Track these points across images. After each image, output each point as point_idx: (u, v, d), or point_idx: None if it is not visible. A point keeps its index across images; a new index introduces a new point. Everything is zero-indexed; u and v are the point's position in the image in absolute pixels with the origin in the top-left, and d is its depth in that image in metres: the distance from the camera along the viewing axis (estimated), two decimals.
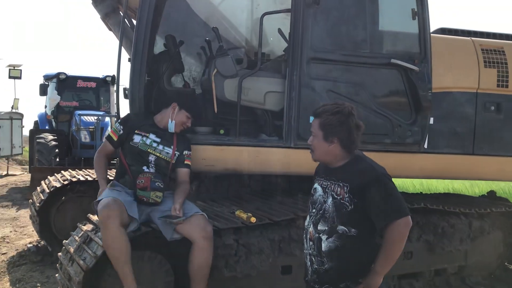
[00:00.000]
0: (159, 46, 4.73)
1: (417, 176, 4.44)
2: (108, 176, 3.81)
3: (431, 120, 4.14)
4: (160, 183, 3.42)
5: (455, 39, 4.46)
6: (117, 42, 4.33)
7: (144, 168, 3.51)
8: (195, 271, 3.29)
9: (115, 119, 11.48)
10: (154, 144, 3.57)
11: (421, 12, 4.01)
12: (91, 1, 4.59)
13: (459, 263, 4.76)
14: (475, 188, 11.11)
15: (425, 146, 4.17)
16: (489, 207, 4.67)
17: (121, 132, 3.60)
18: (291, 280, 3.84)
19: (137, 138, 3.55)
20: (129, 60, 3.80)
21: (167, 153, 3.59)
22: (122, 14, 4.18)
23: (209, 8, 5.04)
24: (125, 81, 4.11)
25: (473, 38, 4.47)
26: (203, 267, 3.29)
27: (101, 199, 3.23)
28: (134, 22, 4.67)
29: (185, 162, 3.67)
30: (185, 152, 3.67)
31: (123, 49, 4.02)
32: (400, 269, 4.50)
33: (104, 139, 3.72)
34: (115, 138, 3.62)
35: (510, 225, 5.02)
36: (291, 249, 3.80)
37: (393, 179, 2.44)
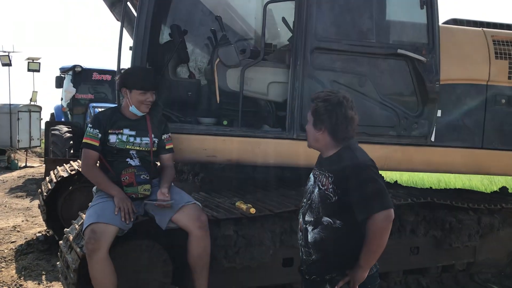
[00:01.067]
0: (165, 36, 4.72)
1: (424, 169, 4.34)
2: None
3: (439, 113, 4.04)
4: (145, 175, 3.32)
5: (465, 30, 4.33)
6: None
7: (128, 161, 3.37)
8: (195, 261, 3.26)
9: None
10: (131, 139, 3.39)
11: (429, 2, 3.91)
12: None
13: (468, 260, 4.65)
14: (493, 185, 10.90)
15: (432, 139, 4.07)
16: (500, 203, 4.54)
17: (99, 135, 3.34)
18: (293, 273, 3.78)
19: (112, 138, 3.35)
20: (130, 48, 3.78)
21: (146, 143, 3.42)
22: (123, 2, 4.15)
23: None
24: None
25: (484, 29, 4.34)
26: (203, 257, 3.26)
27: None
28: None
29: (166, 147, 3.53)
30: (164, 136, 3.52)
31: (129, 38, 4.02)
32: (406, 265, 4.43)
33: (82, 150, 3.37)
34: (97, 144, 3.33)
35: None
36: (292, 242, 3.76)
37: (401, 173, 2.36)
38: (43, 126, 15.32)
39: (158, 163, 3.69)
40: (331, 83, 3.84)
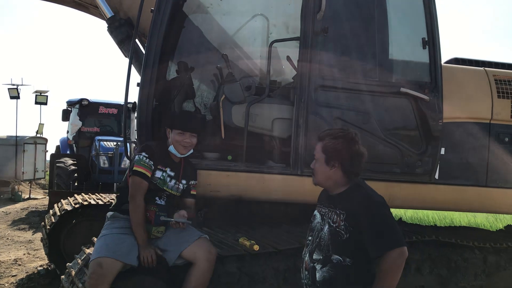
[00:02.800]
0: (172, 72, 4.81)
1: (428, 207, 4.33)
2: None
3: (442, 150, 4.06)
4: (165, 216, 3.33)
5: (468, 69, 4.40)
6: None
7: (157, 199, 3.38)
8: None
9: (134, 146, 11.66)
10: (168, 179, 3.43)
11: (431, 42, 3.99)
12: (107, 28, 4.71)
13: None
14: (499, 223, 10.80)
15: (436, 176, 4.07)
16: (505, 241, 4.49)
17: (153, 167, 3.34)
18: None
19: (158, 174, 3.38)
20: (138, 84, 3.85)
21: (178, 188, 3.48)
22: (132, 39, 4.24)
23: (223, 36, 5.12)
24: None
25: (486, 69, 4.40)
26: None
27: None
28: None
29: (192, 192, 3.59)
30: (192, 182, 3.58)
31: (135, 74, 4.10)
32: None
33: (132, 178, 3.29)
34: (149, 175, 3.31)
35: None
36: (296, 280, 3.71)
37: (405, 210, 2.38)
38: (48, 158, 15.43)
39: None
40: (335, 120, 3.88)
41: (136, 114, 3.91)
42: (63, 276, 3.63)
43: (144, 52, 4.63)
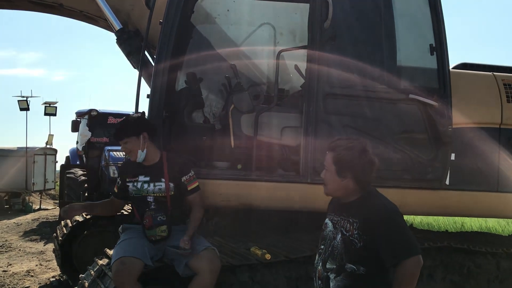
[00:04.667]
0: (181, 82, 4.84)
1: (439, 213, 4.32)
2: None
3: (453, 156, 4.04)
4: (162, 216, 3.38)
5: (476, 74, 4.39)
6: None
7: (147, 209, 3.47)
8: None
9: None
10: (145, 185, 3.50)
11: (439, 48, 3.99)
12: (116, 40, 4.75)
13: None
14: (511, 227, 10.71)
15: (447, 182, 4.06)
16: None
17: (120, 182, 3.64)
18: None
19: (130, 186, 3.55)
20: (148, 96, 3.89)
21: (160, 188, 3.50)
22: (142, 51, 4.29)
23: (231, 46, 5.15)
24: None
25: (495, 73, 4.39)
26: None
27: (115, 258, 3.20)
28: None
29: (189, 188, 3.55)
30: (184, 178, 3.54)
31: (144, 84, 4.13)
32: None
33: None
34: (115, 190, 3.69)
35: None
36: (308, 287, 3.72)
37: (415, 216, 2.38)
38: (58, 169, 15.53)
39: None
40: (344, 127, 3.89)
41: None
42: None
43: (153, 63, 4.70)
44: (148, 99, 3.89)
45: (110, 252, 3.66)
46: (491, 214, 4.54)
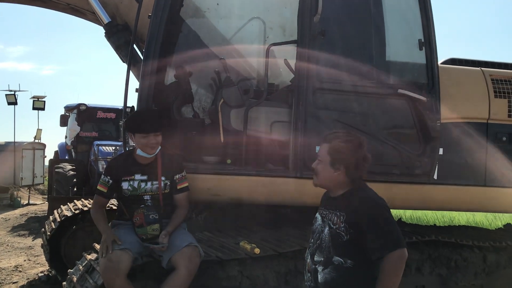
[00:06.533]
0: (170, 77, 4.82)
1: (427, 207, 4.36)
2: None
3: (441, 151, 4.07)
4: (155, 215, 3.35)
5: (465, 70, 4.42)
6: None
7: (141, 206, 3.43)
8: None
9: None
10: (142, 184, 3.47)
11: (428, 43, 4.01)
12: (104, 34, 4.72)
13: None
14: (498, 221, 10.83)
15: (435, 177, 4.09)
16: (505, 240, 4.51)
17: (110, 181, 3.50)
18: None
19: (125, 185, 3.47)
20: (137, 90, 3.86)
21: (157, 187, 3.49)
22: (130, 45, 4.26)
23: (220, 40, 5.13)
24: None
25: (483, 69, 4.42)
26: None
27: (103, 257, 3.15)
28: None
29: (179, 187, 3.56)
30: (176, 176, 3.55)
31: (133, 78, 4.11)
32: None
33: (95, 195, 3.59)
34: (105, 190, 3.51)
35: None
36: (297, 282, 3.73)
37: (405, 211, 2.40)
38: (46, 164, 15.43)
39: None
40: (333, 122, 3.90)
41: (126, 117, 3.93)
42: (64, 283, 3.64)
43: (142, 57, 4.67)
44: (136, 93, 3.86)
45: (99, 246, 3.64)
46: (478, 208, 4.58)
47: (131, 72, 4.47)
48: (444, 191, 4.16)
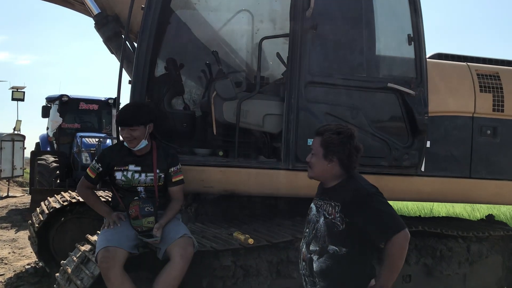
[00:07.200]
0: (160, 69, 4.82)
1: (414, 199, 4.47)
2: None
3: (428, 144, 4.18)
4: (150, 207, 3.35)
5: (451, 64, 4.53)
6: (118, 64, 4.45)
7: (135, 198, 3.45)
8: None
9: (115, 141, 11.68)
10: (136, 175, 3.47)
11: (417, 38, 4.10)
12: (94, 25, 4.69)
13: (459, 287, 4.73)
14: (476, 212, 11.11)
15: (422, 169, 4.20)
16: (487, 230, 4.66)
17: (100, 169, 3.49)
18: None
19: (118, 175, 3.47)
20: (130, 82, 3.87)
21: (151, 179, 3.49)
22: (123, 37, 4.25)
23: (210, 32, 5.15)
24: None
25: (468, 64, 4.54)
26: (167, 286, 3.20)
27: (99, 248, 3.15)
28: (135, 45, 4.79)
29: (173, 180, 3.57)
30: (171, 169, 3.55)
31: (123, 71, 4.10)
32: None
33: (82, 177, 3.61)
34: (92, 176, 3.52)
35: (509, 249, 5.01)
36: (289, 272, 3.80)
37: (390, 202, 2.48)
38: (26, 155, 15.20)
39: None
40: (324, 115, 3.96)
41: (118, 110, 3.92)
42: (57, 274, 3.64)
43: (131, 49, 4.66)
44: (129, 85, 3.87)
45: (92, 238, 3.66)
46: (463, 200, 4.72)
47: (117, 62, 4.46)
48: (431, 183, 4.28)
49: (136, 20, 4.25)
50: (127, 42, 4.79)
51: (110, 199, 4.39)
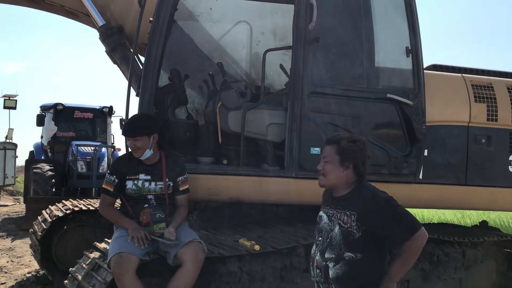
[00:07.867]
0: (163, 79, 4.91)
1: (413, 205, 4.59)
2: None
3: (426, 152, 4.33)
4: (161, 214, 3.51)
5: (447, 76, 4.69)
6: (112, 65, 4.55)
7: (145, 205, 3.58)
8: None
9: (112, 150, 11.70)
10: (146, 184, 3.60)
11: (414, 50, 4.25)
12: (99, 36, 4.78)
13: None
14: (467, 219, 11.30)
15: (420, 176, 4.34)
16: (482, 236, 4.80)
17: (116, 180, 3.60)
18: None
19: (129, 184, 3.59)
20: (137, 94, 3.97)
21: (161, 187, 3.62)
22: (129, 49, 4.36)
23: (212, 43, 5.26)
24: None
25: (463, 75, 4.71)
26: None
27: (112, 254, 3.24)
28: (140, 56, 4.89)
29: (181, 189, 3.70)
30: (179, 178, 3.69)
31: (121, 77, 4.20)
32: None
33: (101, 194, 3.69)
34: (111, 189, 3.61)
35: (503, 255, 5.15)
36: (292, 277, 3.91)
37: None
38: (18, 164, 15.10)
39: None
40: (326, 125, 4.09)
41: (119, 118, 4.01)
42: (66, 281, 3.70)
43: (137, 61, 4.76)
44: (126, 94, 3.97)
45: (101, 245, 3.73)
46: (460, 206, 4.87)
47: (123, 74, 4.56)
48: (429, 190, 4.42)
49: (141, 31, 4.35)
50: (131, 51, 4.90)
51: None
